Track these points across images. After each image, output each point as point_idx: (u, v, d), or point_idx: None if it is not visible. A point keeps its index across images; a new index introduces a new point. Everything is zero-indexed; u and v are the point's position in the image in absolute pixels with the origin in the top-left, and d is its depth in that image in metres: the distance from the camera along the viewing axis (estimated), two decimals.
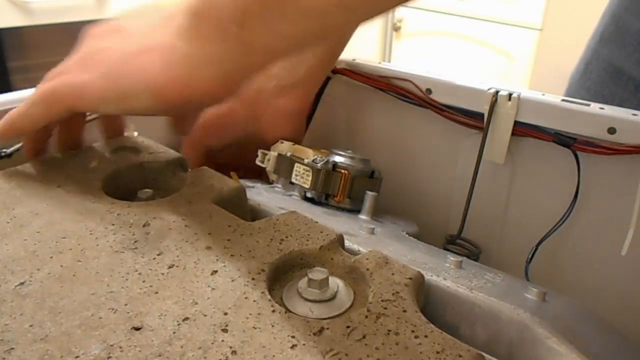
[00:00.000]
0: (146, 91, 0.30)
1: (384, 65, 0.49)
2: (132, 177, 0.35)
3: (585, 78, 0.57)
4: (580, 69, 0.59)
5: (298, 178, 0.42)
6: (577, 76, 0.59)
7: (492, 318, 0.27)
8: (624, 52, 0.52)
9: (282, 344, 0.22)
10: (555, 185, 0.42)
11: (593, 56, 0.56)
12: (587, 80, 0.56)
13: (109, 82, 0.31)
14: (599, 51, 0.55)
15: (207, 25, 0.29)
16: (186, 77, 0.30)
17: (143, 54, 0.31)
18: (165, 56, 0.30)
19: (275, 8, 0.27)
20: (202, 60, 0.30)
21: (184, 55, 0.30)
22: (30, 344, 0.22)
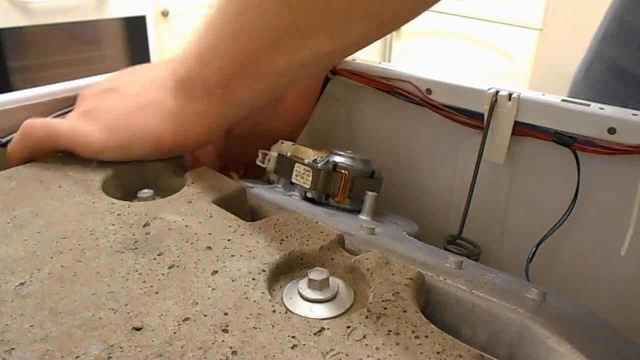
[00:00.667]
0: (145, 141, 0.35)
1: (384, 65, 0.49)
2: (132, 177, 0.35)
3: (588, 77, 0.57)
4: (583, 68, 0.59)
5: (298, 178, 0.42)
6: (580, 75, 0.59)
7: (492, 318, 0.27)
8: (627, 51, 0.52)
9: (283, 344, 0.22)
10: (555, 185, 0.42)
11: (596, 55, 0.56)
12: (591, 79, 0.56)
13: (112, 133, 0.35)
14: (601, 50, 0.55)
15: (194, 87, 0.35)
16: (179, 128, 0.35)
17: (140, 109, 0.36)
18: (159, 111, 0.35)
19: (252, 72, 0.33)
20: (191, 114, 0.35)
21: (176, 110, 0.35)
22: (30, 344, 0.22)
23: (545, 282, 0.35)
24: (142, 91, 0.37)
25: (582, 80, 0.58)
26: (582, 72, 0.59)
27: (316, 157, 0.42)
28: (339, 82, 0.51)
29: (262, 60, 0.32)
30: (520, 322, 0.26)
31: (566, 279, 0.44)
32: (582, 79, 0.58)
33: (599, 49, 0.56)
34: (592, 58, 0.57)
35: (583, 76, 0.58)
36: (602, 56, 0.55)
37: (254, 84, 0.34)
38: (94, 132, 0.35)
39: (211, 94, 0.34)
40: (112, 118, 0.36)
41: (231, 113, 0.36)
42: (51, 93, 0.42)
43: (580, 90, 0.57)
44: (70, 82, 0.44)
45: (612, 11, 0.56)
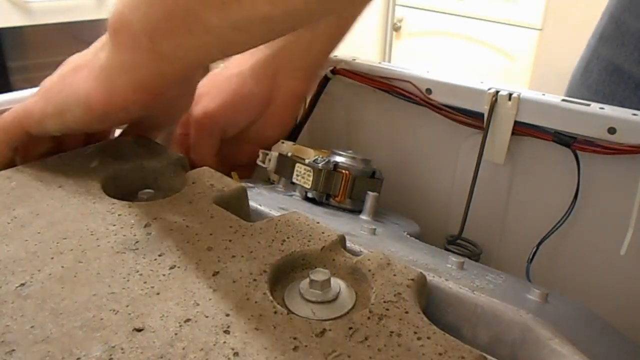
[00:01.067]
0: (77, 104, 0.33)
1: (384, 65, 0.48)
2: (132, 177, 0.35)
3: (585, 77, 0.57)
4: (581, 67, 0.59)
5: (299, 178, 0.42)
6: (577, 75, 0.60)
7: (494, 319, 0.27)
8: (624, 51, 0.53)
9: (284, 346, 0.22)
10: (555, 185, 0.42)
11: (593, 55, 0.57)
12: (588, 79, 0.57)
13: (48, 100, 0.34)
14: (598, 50, 0.56)
15: (121, 36, 0.32)
16: (106, 86, 0.32)
17: (75, 71, 0.34)
18: (91, 70, 0.33)
19: (181, 25, 0.29)
20: (118, 69, 0.32)
21: (104, 67, 0.33)
22: (31, 345, 0.21)
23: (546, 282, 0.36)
24: (84, 53, 0.36)
25: (580, 80, 0.58)
26: (580, 71, 0.59)
27: (317, 157, 0.42)
28: (339, 82, 0.51)
29: (192, 12, 0.29)
30: (523, 323, 0.26)
31: (566, 279, 0.44)
32: (580, 78, 0.59)
33: (596, 49, 0.56)
34: (590, 58, 0.57)
35: (581, 75, 0.58)
36: (600, 56, 0.56)
37: (184, 39, 0.30)
38: (34, 102, 0.35)
39: (138, 44, 0.31)
40: (49, 85, 0.35)
41: (159, 70, 0.33)
42: None
43: (577, 89, 0.58)
44: None
45: (609, 12, 0.56)
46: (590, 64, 0.57)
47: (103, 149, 0.38)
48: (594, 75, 0.56)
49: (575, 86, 0.59)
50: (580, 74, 0.59)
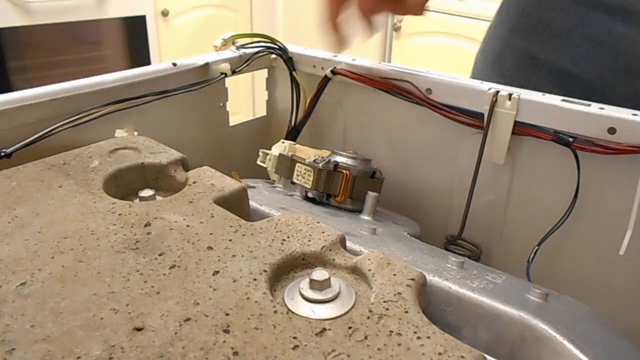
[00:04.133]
0: None
1: (383, 65, 0.49)
2: (133, 177, 0.35)
3: (499, 66, 0.60)
4: (491, 57, 0.62)
5: (299, 178, 0.42)
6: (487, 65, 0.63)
7: (494, 319, 0.27)
8: (538, 41, 0.56)
9: (284, 345, 0.22)
10: (555, 185, 0.42)
11: (505, 46, 0.60)
12: (502, 68, 0.60)
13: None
14: (511, 42, 0.59)
15: None
16: None
17: None
18: None
19: None
20: None
21: None
22: (31, 344, 0.21)
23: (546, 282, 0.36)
24: None
25: (491, 70, 0.61)
26: (490, 61, 0.62)
27: (317, 157, 0.42)
28: (339, 82, 0.51)
29: None
30: (523, 323, 0.26)
31: (566, 279, 0.44)
32: (491, 69, 0.61)
33: (509, 41, 0.60)
34: (502, 48, 0.60)
35: (492, 65, 0.61)
36: (513, 46, 0.59)
37: None
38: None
39: None
40: None
41: None
42: (51, 93, 0.42)
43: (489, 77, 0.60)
44: (70, 82, 0.44)
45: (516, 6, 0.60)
46: (502, 54, 0.60)
47: (104, 148, 0.38)
48: (508, 64, 0.59)
49: (485, 75, 0.61)
50: (492, 64, 0.62)
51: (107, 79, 0.45)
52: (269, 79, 0.60)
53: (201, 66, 0.51)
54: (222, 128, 0.57)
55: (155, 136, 0.40)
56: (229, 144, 0.58)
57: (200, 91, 0.50)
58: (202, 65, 0.51)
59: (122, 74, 0.46)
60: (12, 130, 0.39)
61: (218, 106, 0.56)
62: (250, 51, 0.54)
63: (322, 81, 0.52)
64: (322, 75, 0.51)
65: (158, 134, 0.42)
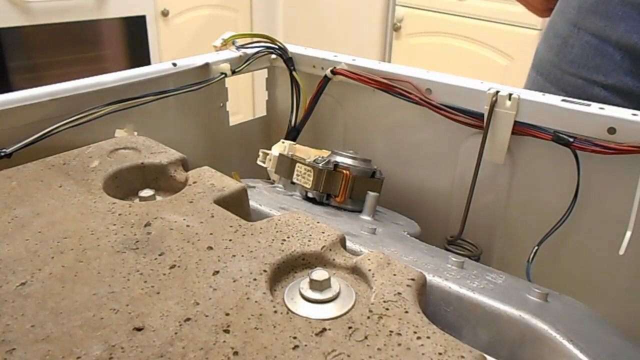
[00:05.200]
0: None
1: (383, 65, 0.49)
2: (133, 177, 0.35)
3: (565, 52, 0.57)
4: (556, 44, 0.59)
5: (299, 178, 0.42)
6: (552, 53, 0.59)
7: (494, 319, 0.27)
8: (610, 23, 0.53)
9: (284, 345, 0.22)
10: (555, 185, 0.42)
11: (572, 30, 0.57)
12: (569, 54, 0.57)
13: None
14: (579, 24, 0.56)
15: None
16: None
17: None
18: None
19: None
20: None
21: None
22: (31, 344, 0.21)
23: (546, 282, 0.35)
24: None
25: (557, 57, 0.58)
26: (556, 47, 0.59)
27: (317, 157, 0.42)
28: (339, 82, 0.51)
29: None
30: (523, 323, 0.26)
31: (566, 279, 0.44)
32: (557, 56, 0.58)
33: (577, 23, 0.56)
34: (568, 33, 0.57)
35: (558, 52, 0.58)
36: (580, 31, 0.56)
37: None
38: None
39: None
40: None
41: None
42: (51, 93, 0.42)
43: (555, 67, 0.57)
44: (70, 82, 0.44)
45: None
46: (569, 40, 0.57)
47: (103, 149, 0.38)
48: (576, 50, 0.56)
49: (550, 65, 0.59)
50: (557, 51, 0.58)
51: (107, 79, 0.45)
52: (269, 79, 0.60)
53: (201, 66, 0.51)
54: (222, 128, 0.57)
55: (155, 136, 0.40)
56: (229, 144, 0.58)
57: (200, 91, 0.50)
58: (202, 65, 0.51)
59: (122, 74, 0.46)
60: (12, 130, 0.39)
61: (218, 106, 0.56)
62: (250, 51, 0.54)
63: (322, 81, 0.52)
64: (322, 75, 0.51)
65: (158, 134, 0.42)
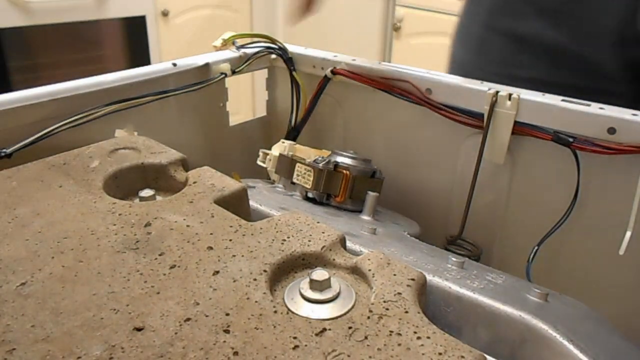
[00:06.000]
0: None
1: (383, 65, 0.49)
2: (133, 177, 0.35)
3: (484, 52, 0.58)
4: (472, 45, 0.60)
5: (299, 178, 0.42)
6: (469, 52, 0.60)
7: (494, 319, 0.27)
8: (524, 21, 0.54)
9: (284, 345, 0.22)
10: (555, 185, 0.42)
11: (487, 31, 0.58)
12: (489, 54, 0.58)
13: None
14: (494, 25, 0.57)
15: None
16: None
17: None
18: None
19: None
20: None
21: None
22: (31, 344, 0.22)
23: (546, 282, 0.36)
24: None
25: (475, 57, 0.59)
26: (472, 49, 0.60)
27: (317, 157, 0.42)
28: (339, 82, 0.51)
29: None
30: (523, 323, 0.26)
31: (566, 279, 0.44)
32: (475, 56, 0.59)
33: (491, 25, 0.57)
34: (483, 35, 0.58)
35: (476, 53, 0.59)
36: (496, 29, 0.57)
37: None
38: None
39: None
40: None
41: None
42: (51, 93, 0.42)
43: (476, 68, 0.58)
44: (70, 82, 0.44)
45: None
46: (486, 42, 0.58)
47: (103, 149, 0.38)
48: (494, 49, 0.57)
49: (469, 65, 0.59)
50: (475, 52, 0.60)
51: (107, 79, 0.45)
52: (269, 79, 0.60)
53: (201, 66, 0.51)
54: (222, 128, 0.57)
55: (155, 136, 0.40)
56: (229, 144, 0.58)
57: (200, 91, 0.50)
58: (202, 65, 0.51)
59: (122, 74, 0.46)
60: (12, 130, 0.39)
61: (218, 106, 0.56)
62: (250, 51, 0.54)
63: (322, 81, 0.52)
64: (322, 75, 0.51)
65: (158, 134, 0.42)
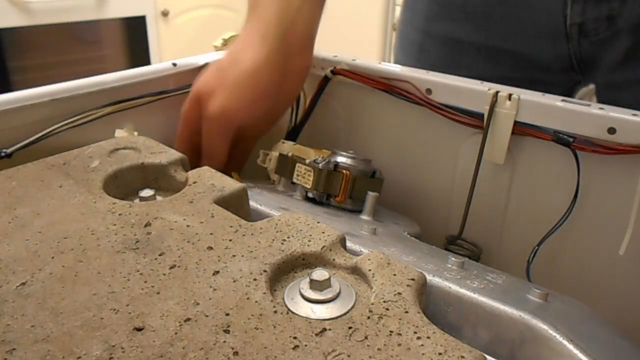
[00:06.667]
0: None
1: (384, 65, 0.49)
2: (133, 176, 0.35)
3: (424, 56, 0.61)
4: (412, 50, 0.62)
5: (299, 178, 0.42)
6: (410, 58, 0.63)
7: (494, 319, 0.27)
8: (457, 25, 0.57)
9: (284, 345, 0.22)
10: (555, 185, 0.42)
11: (425, 37, 0.60)
12: (428, 58, 0.61)
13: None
14: (430, 29, 0.60)
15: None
16: None
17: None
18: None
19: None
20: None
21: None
22: (31, 344, 0.22)
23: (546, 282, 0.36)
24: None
25: (417, 62, 0.61)
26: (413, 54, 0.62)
27: (317, 157, 0.42)
28: (339, 82, 0.51)
29: None
30: (523, 323, 0.26)
31: (566, 279, 0.44)
32: (417, 61, 0.61)
33: (427, 30, 0.60)
34: (421, 39, 0.61)
35: (417, 58, 0.61)
36: (432, 34, 0.59)
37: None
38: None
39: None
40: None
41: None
42: (51, 93, 0.42)
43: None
44: (70, 82, 0.44)
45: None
46: (424, 46, 0.61)
47: (103, 149, 0.38)
48: (432, 53, 0.60)
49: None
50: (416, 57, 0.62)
51: (107, 79, 0.45)
52: None
53: (201, 66, 0.51)
54: None
55: (155, 136, 0.40)
56: None
57: None
58: (202, 65, 0.51)
59: (122, 74, 0.46)
60: (12, 130, 0.39)
61: None
62: None
63: (322, 81, 0.52)
64: (322, 75, 0.51)
65: (158, 134, 0.42)
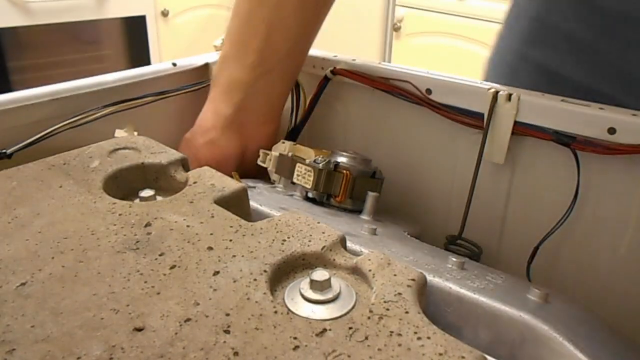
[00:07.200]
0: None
1: (383, 65, 0.49)
2: (133, 177, 0.35)
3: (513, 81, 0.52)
4: (503, 72, 0.56)
5: (299, 178, 0.42)
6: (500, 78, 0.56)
7: (494, 319, 0.27)
8: (557, 55, 0.50)
9: (285, 345, 0.22)
10: (555, 185, 0.42)
11: (520, 59, 0.54)
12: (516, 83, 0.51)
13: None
14: (526, 53, 0.53)
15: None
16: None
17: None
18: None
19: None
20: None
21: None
22: (31, 344, 0.21)
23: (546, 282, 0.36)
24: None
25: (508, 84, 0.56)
26: (504, 76, 0.56)
27: (317, 157, 0.42)
28: (338, 82, 0.51)
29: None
30: (523, 323, 0.26)
31: (566, 279, 0.43)
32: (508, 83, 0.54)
33: (523, 52, 0.53)
34: (516, 62, 0.54)
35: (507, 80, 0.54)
36: (528, 59, 0.53)
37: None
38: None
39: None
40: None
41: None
42: (51, 93, 0.42)
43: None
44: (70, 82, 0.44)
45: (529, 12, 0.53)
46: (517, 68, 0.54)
47: (103, 149, 0.38)
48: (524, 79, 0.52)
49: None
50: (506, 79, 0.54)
51: (107, 79, 0.45)
52: None
53: (201, 66, 0.51)
54: None
55: (155, 136, 0.40)
56: None
57: (200, 91, 0.50)
58: (202, 65, 0.51)
59: (122, 74, 0.46)
60: (12, 130, 0.39)
61: None
62: None
63: (322, 81, 0.52)
64: (322, 75, 0.51)
65: (158, 134, 0.42)
